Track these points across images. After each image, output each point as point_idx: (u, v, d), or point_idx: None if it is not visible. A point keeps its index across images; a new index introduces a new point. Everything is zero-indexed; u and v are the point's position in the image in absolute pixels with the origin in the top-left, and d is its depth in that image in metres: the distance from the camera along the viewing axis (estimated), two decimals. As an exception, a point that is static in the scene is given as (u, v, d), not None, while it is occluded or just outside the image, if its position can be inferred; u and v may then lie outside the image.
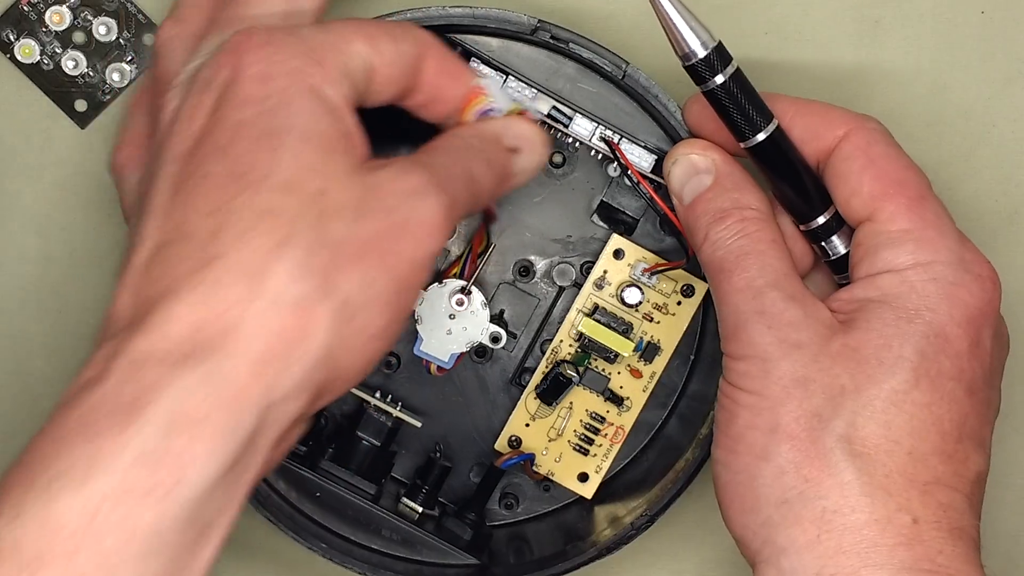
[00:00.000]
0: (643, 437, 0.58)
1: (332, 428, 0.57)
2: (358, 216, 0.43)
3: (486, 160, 0.48)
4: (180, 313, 0.40)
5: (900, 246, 0.48)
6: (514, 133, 0.50)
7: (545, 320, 0.57)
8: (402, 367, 0.57)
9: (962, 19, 0.59)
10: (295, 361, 0.41)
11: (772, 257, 0.49)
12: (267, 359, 0.41)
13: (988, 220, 0.59)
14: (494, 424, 0.58)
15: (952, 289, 0.47)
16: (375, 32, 0.47)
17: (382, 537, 0.56)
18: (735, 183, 0.51)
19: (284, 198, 0.42)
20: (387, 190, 0.44)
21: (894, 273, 0.48)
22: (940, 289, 0.47)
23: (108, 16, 0.57)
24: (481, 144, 0.49)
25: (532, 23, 0.53)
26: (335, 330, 0.42)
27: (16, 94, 0.58)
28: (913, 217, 0.48)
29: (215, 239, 0.41)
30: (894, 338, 0.47)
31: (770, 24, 0.59)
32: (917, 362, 0.47)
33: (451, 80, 0.49)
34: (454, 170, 0.46)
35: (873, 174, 0.49)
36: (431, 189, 0.44)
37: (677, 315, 0.57)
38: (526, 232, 0.57)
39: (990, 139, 0.59)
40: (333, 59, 0.45)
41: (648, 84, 0.53)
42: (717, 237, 0.50)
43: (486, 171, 0.48)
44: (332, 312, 0.42)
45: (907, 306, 0.47)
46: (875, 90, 0.59)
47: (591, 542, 0.56)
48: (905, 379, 0.47)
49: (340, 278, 0.42)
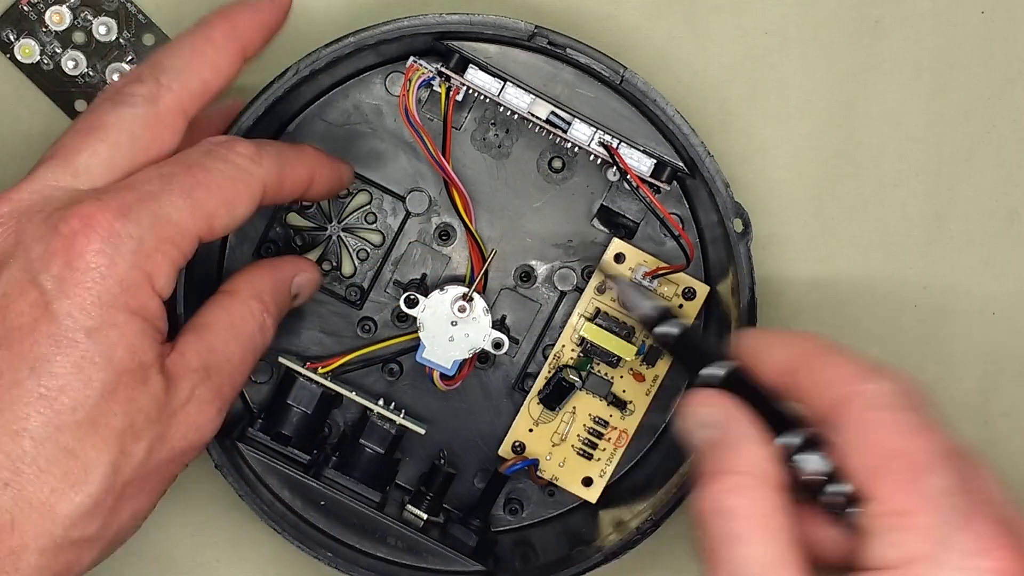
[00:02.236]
0: (647, 441, 0.58)
1: (336, 436, 0.57)
2: (152, 447, 0.46)
3: (260, 339, 0.51)
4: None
5: (891, 535, 0.42)
6: (299, 284, 0.54)
7: (547, 325, 0.57)
8: (405, 374, 0.58)
9: (962, 19, 0.59)
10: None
11: (760, 542, 0.43)
12: None
13: (988, 220, 0.59)
14: (497, 430, 0.58)
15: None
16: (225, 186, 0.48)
17: (387, 545, 0.56)
18: (732, 440, 0.45)
19: (87, 440, 0.45)
20: (181, 422, 0.47)
21: (886, 572, 0.42)
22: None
23: (108, 16, 0.57)
24: (259, 324, 0.51)
25: (529, 29, 0.53)
26: (103, 545, 0.47)
27: (16, 94, 0.58)
28: (908, 497, 0.42)
29: (13, 464, 0.44)
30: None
31: (770, 24, 0.59)
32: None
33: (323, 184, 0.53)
34: (232, 372, 0.49)
35: (868, 443, 0.43)
36: (218, 413, 0.49)
37: (679, 318, 0.56)
38: (527, 237, 0.57)
39: (990, 139, 0.59)
40: (161, 246, 0.46)
41: (646, 88, 0.53)
42: (707, 506, 0.44)
43: (260, 348, 0.51)
44: (105, 541, 0.47)
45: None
46: (875, 90, 0.59)
47: (596, 547, 0.55)
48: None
49: (122, 509, 0.46)
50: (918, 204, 0.59)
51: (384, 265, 0.57)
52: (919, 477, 0.42)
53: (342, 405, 0.56)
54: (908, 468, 0.42)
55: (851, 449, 0.43)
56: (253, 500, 0.54)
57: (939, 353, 0.60)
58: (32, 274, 0.45)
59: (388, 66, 0.56)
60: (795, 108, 0.59)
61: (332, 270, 0.57)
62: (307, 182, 0.51)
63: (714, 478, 0.44)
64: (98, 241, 0.45)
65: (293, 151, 0.51)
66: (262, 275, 0.52)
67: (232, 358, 0.49)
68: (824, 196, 0.59)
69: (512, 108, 0.54)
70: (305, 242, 0.57)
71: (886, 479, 0.42)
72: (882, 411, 0.43)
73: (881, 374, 0.44)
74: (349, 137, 0.57)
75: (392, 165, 0.57)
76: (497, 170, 0.57)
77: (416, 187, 0.57)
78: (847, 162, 0.59)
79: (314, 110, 0.57)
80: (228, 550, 0.59)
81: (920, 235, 0.59)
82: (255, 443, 0.54)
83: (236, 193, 0.48)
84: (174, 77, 0.49)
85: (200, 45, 0.51)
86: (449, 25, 0.53)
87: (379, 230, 0.57)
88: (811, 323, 0.59)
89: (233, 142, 0.49)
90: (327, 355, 0.57)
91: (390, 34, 0.53)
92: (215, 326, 0.49)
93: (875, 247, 0.59)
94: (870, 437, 0.43)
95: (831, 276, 0.59)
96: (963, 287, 0.59)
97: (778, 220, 0.59)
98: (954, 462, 0.42)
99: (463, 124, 0.57)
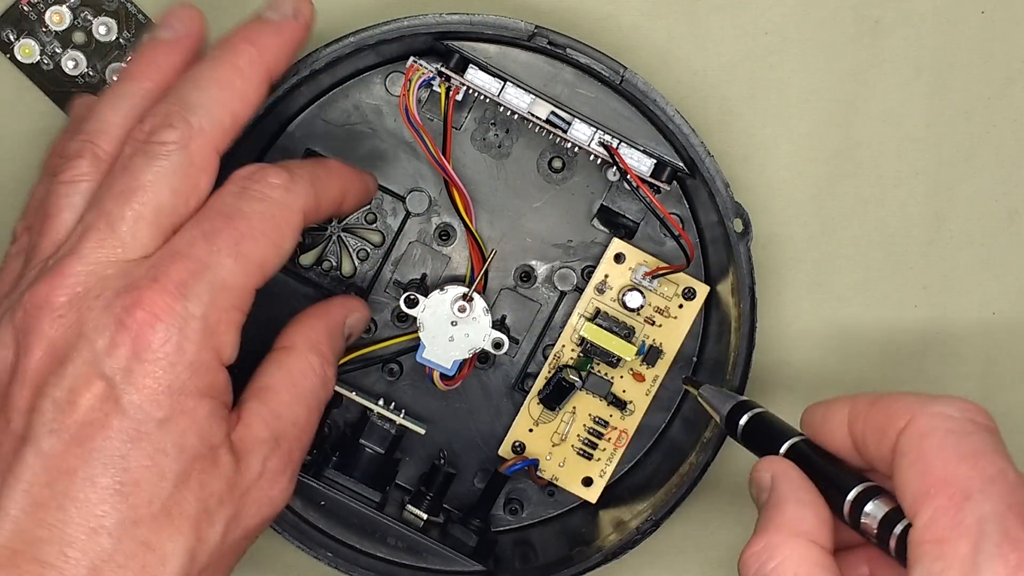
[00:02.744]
0: (647, 441, 0.58)
1: (336, 436, 0.57)
2: (227, 529, 0.46)
3: (324, 393, 0.50)
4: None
5: (930, 563, 0.40)
6: (351, 325, 0.53)
7: (547, 325, 0.57)
8: (405, 374, 0.58)
9: (962, 19, 0.59)
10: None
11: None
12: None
13: (988, 220, 0.59)
14: (497, 430, 0.58)
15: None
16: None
17: (387, 545, 0.56)
18: (780, 499, 0.44)
19: (163, 531, 0.44)
20: (254, 498, 0.47)
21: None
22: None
23: (108, 16, 0.57)
24: (320, 378, 0.50)
25: (529, 29, 0.53)
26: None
27: (16, 94, 0.58)
28: (949, 523, 0.40)
29: (92, 563, 0.43)
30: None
31: (770, 24, 0.59)
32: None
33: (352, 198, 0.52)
34: (300, 435, 0.49)
35: (918, 471, 0.42)
36: (290, 481, 0.49)
37: (679, 318, 0.56)
38: (527, 237, 0.57)
39: (990, 139, 0.59)
40: (225, 329, 0.46)
41: (646, 88, 0.53)
42: (749, 564, 0.44)
43: (323, 401, 0.51)
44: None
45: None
46: (875, 90, 0.58)
47: (596, 547, 0.55)
48: None
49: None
50: (918, 204, 0.59)
51: (384, 265, 0.57)
52: (964, 504, 0.40)
53: (342, 405, 0.56)
54: (954, 494, 0.41)
55: (904, 476, 0.42)
56: (253, 500, 0.54)
57: (939, 353, 0.60)
58: (99, 367, 0.44)
59: (388, 66, 0.56)
60: (795, 108, 0.59)
61: (332, 270, 0.57)
62: (340, 199, 0.51)
63: (759, 536, 0.44)
64: (163, 329, 0.44)
65: (323, 169, 0.50)
66: (316, 324, 0.51)
67: (298, 420, 0.49)
68: (824, 196, 0.59)
69: (512, 108, 0.54)
70: (305, 242, 0.57)
71: (931, 505, 0.41)
72: (937, 436, 0.42)
73: (939, 400, 0.43)
74: (349, 137, 0.57)
75: (392, 165, 0.57)
76: (497, 170, 0.57)
77: (416, 187, 0.57)
78: (847, 162, 0.59)
79: (314, 110, 0.57)
80: (228, 550, 0.59)
81: (920, 235, 0.59)
82: (255, 443, 0.54)
83: (280, 232, 0.47)
84: (204, 116, 0.47)
85: (227, 76, 0.48)
86: (449, 25, 0.53)
87: (379, 230, 0.57)
88: (811, 323, 0.59)
89: (264, 173, 0.48)
90: (327, 355, 0.57)
91: (390, 34, 0.53)
92: (278, 388, 0.49)
93: (875, 247, 0.59)
94: (923, 463, 0.42)
95: (831, 276, 0.59)
96: (963, 287, 0.59)
97: (778, 220, 0.59)
98: (1008, 489, 0.41)
99: (463, 124, 0.57)
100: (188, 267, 0.45)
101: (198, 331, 0.45)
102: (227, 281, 0.46)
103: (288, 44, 0.50)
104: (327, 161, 0.53)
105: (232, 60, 0.49)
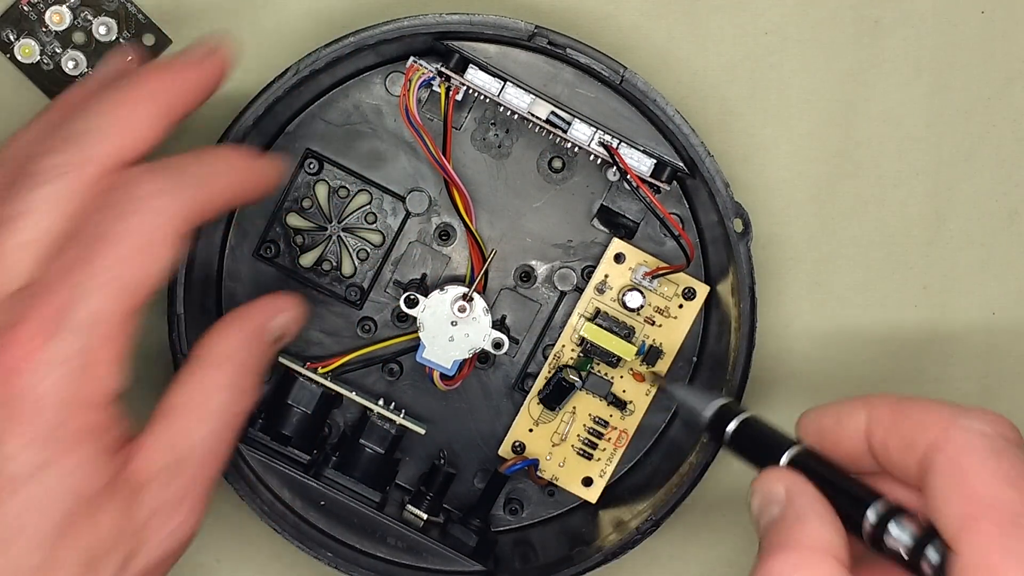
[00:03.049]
0: (647, 441, 0.58)
1: (336, 436, 0.57)
2: (120, 571, 0.44)
3: (239, 406, 0.48)
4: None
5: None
6: (279, 327, 0.50)
7: (547, 325, 0.57)
8: (405, 374, 0.58)
9: (962, 19, 0.59)
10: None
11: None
12: None
13: (988, 220, 0.59)
14: (497, 430, 0.58)
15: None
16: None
17: (387, 545, 0.56)
18: (796, 515, 0.42)
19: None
20: (152, 535, 0.45)
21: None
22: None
23: (108, 16, 0.57)
24: (233, 391, 0.47)
25: (529, 29, 0.53)
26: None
27: (16, 94, 0.58)
28: (999, 550, 0.38)
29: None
30: None
31: (770, 24, 0.59)
32: None
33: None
34: (205, 456, 0.46)
35: (960, 495, 0.40)
36: (191, 511, 0.46)
37: (679, 318, 0.57)
38: (527, 237, 0.57)
39: (990, 139, 0.59)
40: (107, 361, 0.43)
41: (646, 88, 0.53)
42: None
43: (239, 415, 0.48)
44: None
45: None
46: (875, 90, 0.59)
47: (596, 547, 0.56)
48: None
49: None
50: (918, 204, 0.59)
51: (384, 265, 0.57)
52: (1012, 530, 0.38)
53: (342, 405, 0.57)
54: (1003, 520, 0.39)
55: (943, 497, 0.40)
56: (253, 500, 0.54)
57: (939, 353, 0.60)
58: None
59: (388, 66, 0.56)
60: (795, 108, 0.59)
61: (332, 270, 0.57)
62: (233, 191, 0.48)
63: (777, 553, 0.41)
64: (29, 374, 0.42)
65: (208, 162, 0.47)
66: (230, 332, 0.48)
67: (204, 441, 0.46)
68: (824, 196, 0.59)
69: (512, 108, 0.54)
70: (305, 242, 0.57)
71: (978, 531, 0.39)
72: (977, 456, 0.40)
73: (975, 414, 0.41)
74: (349, 137, 0.57)
75: (392, 165, 0.57)
76: (497, 170, 0.57)
77: (416, 187, 0.57)
78: (847, 162, 0.59)
79: (314, 110, 0.57)
80: (228, 550, 0.59)
81: (920, 235, 0.59)
82: (255, 443, 0.54)
83: (156, 247, 0.44)
84: (90, 142, 0.45)
85: (117, 107, 0.46)
86: (449, 25, 0.53)
87: (379, 230, 0.57)
88: (811, 323, 0.59)
89: (136, 182, 0.45)
90: (327, 355, 0.57)
91: (390, 34, 0.53)
92: (181, 408, 0.46)
93: (875, 247, 0.59)
94: (964, 484, 0.40)
95: (831, 276, 0.59)
96: (963, 287, 0.59)
97: (778, 220, 0.59)
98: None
99: (463, 124, 0.57)
100: (55, 303, 0.43)
101: (72, 371, 0.43)
102: (100, 312, 0.43)
103: (192, 83, 0.48)
104: (214, 151, 0.50)
105: (126, 92, 0.47)
